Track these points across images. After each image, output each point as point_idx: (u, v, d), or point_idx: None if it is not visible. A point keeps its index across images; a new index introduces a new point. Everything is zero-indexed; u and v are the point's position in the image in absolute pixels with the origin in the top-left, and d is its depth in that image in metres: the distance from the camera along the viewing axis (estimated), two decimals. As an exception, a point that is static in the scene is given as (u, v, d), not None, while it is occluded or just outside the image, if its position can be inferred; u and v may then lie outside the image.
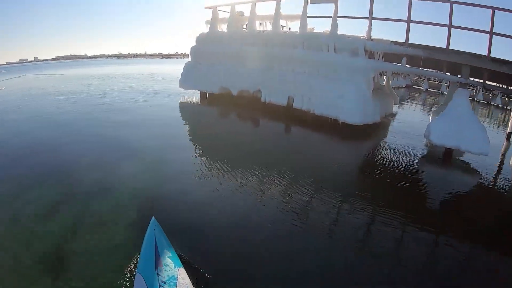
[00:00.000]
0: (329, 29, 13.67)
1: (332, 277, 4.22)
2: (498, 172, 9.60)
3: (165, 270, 3.54)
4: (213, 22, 17.20)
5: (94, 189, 6.31)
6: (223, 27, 17.66)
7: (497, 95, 28.17)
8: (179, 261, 3.77)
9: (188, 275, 3.59)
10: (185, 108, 16.43)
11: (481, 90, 28.55)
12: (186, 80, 17.79)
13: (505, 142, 13.30)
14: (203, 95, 17.92)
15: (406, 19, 11.57)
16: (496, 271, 4.62)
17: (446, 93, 34.52)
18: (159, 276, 3.45)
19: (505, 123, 16.25)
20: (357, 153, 10.90)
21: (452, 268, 4.57)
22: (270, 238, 4.92)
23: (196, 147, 10.11)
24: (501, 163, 10.47)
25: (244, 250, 4.61)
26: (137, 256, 4.03)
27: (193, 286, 3.50)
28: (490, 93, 29.10)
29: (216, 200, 6.18)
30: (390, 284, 4.13)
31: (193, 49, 17.76)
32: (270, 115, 14.66)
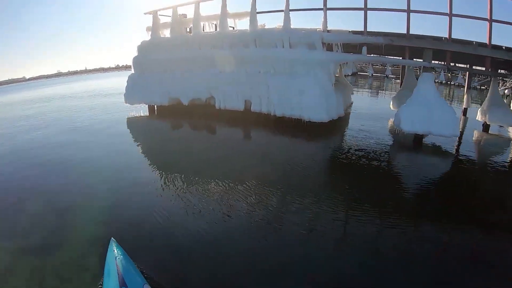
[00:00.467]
0: (282, 24, 12.79)
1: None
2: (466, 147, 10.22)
3: None
4: (155, 28, 15.71)
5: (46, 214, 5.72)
6: (166, 33, 16.27)
7: (457, 75, 29.49)
8: (143, 278, 3.64)
9: None
10: (133, 123, 14.69)
11: (442, 71, 29.44)
12: (132, 93, 16.05)
13: (462, 117, 13.67)
14: (151, 108, 16.28)
15: (363, 7, 11.15)
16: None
17: (391, 76, 36.04)
18: None
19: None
20: (325, 152, 9.98)
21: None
22: (238, 251, 4.55)
23: (151, 162, 9.04)
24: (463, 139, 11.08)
25: (211, 264, 4.30)
26: (100, 281, 3.77)
27: None
28: (449, 73, 30.73)
29: (179, 214, 5.65)
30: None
31: (135, 60, 16.12)
32: (227, 122, 13.43)
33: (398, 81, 22.04)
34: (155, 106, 16.04)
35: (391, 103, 14.81)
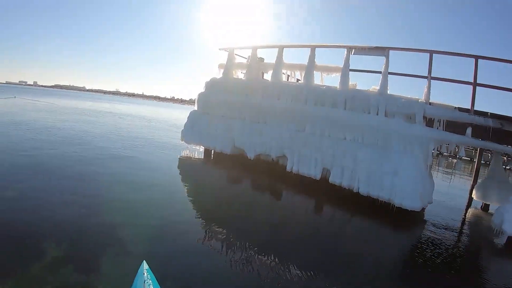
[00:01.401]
0: (377, 87, 11.02)
1: None
2: None
3: None
4: (228, 66, 14.37)
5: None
6: (239, 74, 14.89)
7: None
8: None
9: None
10: (185, 166, 13.17)
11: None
12: (190, 132, 14.54)
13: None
14: (207, 152, 14.62)
15: (472, 81, 9.86)
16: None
17: (465, 158, 32.95)
18: None
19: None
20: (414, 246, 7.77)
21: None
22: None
23: (202, 219, 7.43)
24: None
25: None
26: None
27: None
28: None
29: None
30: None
31: (201, 96, 14.72)
32: (296, 188, 11.43)
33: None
34: (212, 150, 14.35)
35: (474, 192, 12.38)
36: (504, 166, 11.79)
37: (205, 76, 14.88)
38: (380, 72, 10.83)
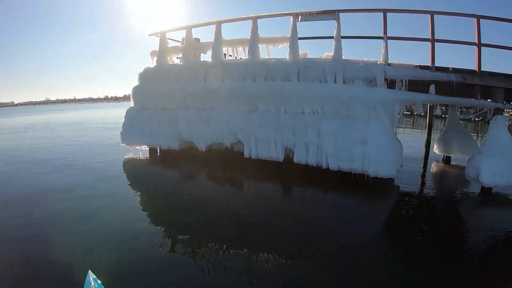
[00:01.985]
0: (330, 54, 10.12)
1: None
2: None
3: None
4: (162, 52, 12.64)
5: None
6: (175, 60, 13.28)
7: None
8: None
9: None
10: (130, 169, 11.57)
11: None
12: (131, 132, 12.67)
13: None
14: (152, 151, 12.93)
15: (429, 37, 9.27)
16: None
17: (423, 114, 33.43)
18: None
19: None
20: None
21: None
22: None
23: (160, 223, 6.63)
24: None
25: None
26: None
27: None
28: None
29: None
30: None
31: (136, 90, 12.88)
32: (260, 175, 10.23)
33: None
34: (157, 148, 12.67)
35: (436, 147, 12.16)
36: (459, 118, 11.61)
37: (139, 67, 12.92)
38: (332, 38, 9.97)
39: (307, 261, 4.90)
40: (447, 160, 12.16)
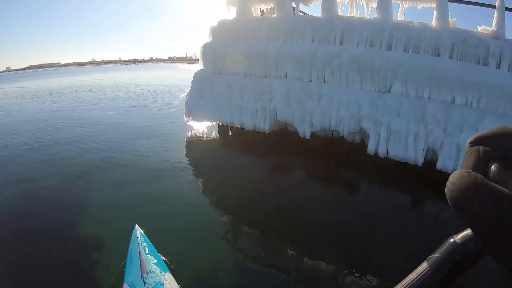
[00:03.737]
0: (488, 28, 7.85)
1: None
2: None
3: (151, 277, 3.50)
4: (245, 1, 9.52)
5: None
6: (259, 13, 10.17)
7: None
8: (165, 266, 3.77)
9: (175, 279, 3.58)
10: (197, 152, 9.16)
11: None
12: (199, 104, 9.64)
13: None
14: (223, 129, 10.04)
15: None
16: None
17: None
18: (146, 284, 3.41)
19: None
20: None
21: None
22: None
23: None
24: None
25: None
26: (122, 265, 3.86)
27: None
28: None
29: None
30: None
31: (207, 49, 9.78)
32: (386, 180, 7.41)
33: None
34: (230, 126, 9.74)
35: None
36: None
37: (185, 29, 9.59)
38: (493, 7, 7.71)
39: None
40: None
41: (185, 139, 9.90)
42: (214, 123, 10.15)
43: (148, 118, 12.93)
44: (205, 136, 10.26)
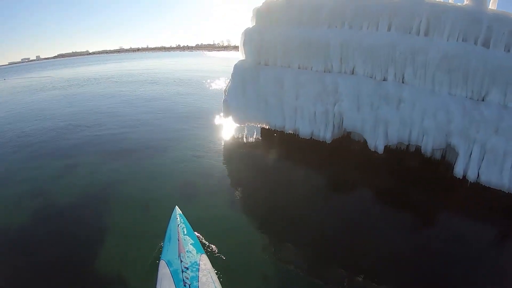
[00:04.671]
0: None
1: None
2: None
3: (187, 256, 3.82)
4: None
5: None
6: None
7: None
8: (201, 247, 4.10)
9: (210, 261, 3.94)
10: (236, 156, 8.17)
11: None
12: (242, 103, 8.13)
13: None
14: (266, 132, 8.57)
15: None
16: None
17: None
18: (182, 262, 3.76)
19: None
20: None
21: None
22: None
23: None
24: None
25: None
26: (161, 244, 4.28)
27: (215, 272, 3.85)
28: None
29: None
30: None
31: (250, 35, 8.18)
32: (477, 213, 6.07)
33: None
34: (274, 129, 8.23)
35: None
36: None
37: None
38: None
39: None
40: None
41: (222, 143, 8.70)
42: (258, 124, 8.60)
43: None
44: (244, 138, 8.87)
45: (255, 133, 9.11)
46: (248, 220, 5.63)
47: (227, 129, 9.30)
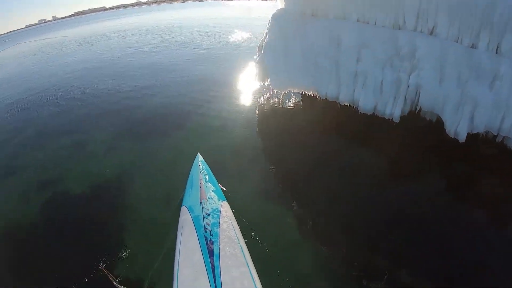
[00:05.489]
0: None
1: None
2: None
3: (209, 203, 3.91)
4: None
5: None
6: None
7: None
8: (223, 195, 4.18)
9: (230, 208, 4.00)
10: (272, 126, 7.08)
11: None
12: (282, 64, 6.49)
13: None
14: (307, 98, 7.10)
15: None
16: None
17: None
18: (203, 209, 3.85)
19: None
20: None
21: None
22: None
23: None
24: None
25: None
26: (183, 190, 4.38)
27: (235, 219, 3.92)
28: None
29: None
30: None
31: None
32: None
33: None
34: (318, 96, 6.76)
35: None
36: None
37: None
38: None
39: None
40: None
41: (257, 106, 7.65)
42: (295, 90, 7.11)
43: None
44: (281, 104, 7.58)
45: (292, 99, 7.70)
46: (273, 175, 5.40)
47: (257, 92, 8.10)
